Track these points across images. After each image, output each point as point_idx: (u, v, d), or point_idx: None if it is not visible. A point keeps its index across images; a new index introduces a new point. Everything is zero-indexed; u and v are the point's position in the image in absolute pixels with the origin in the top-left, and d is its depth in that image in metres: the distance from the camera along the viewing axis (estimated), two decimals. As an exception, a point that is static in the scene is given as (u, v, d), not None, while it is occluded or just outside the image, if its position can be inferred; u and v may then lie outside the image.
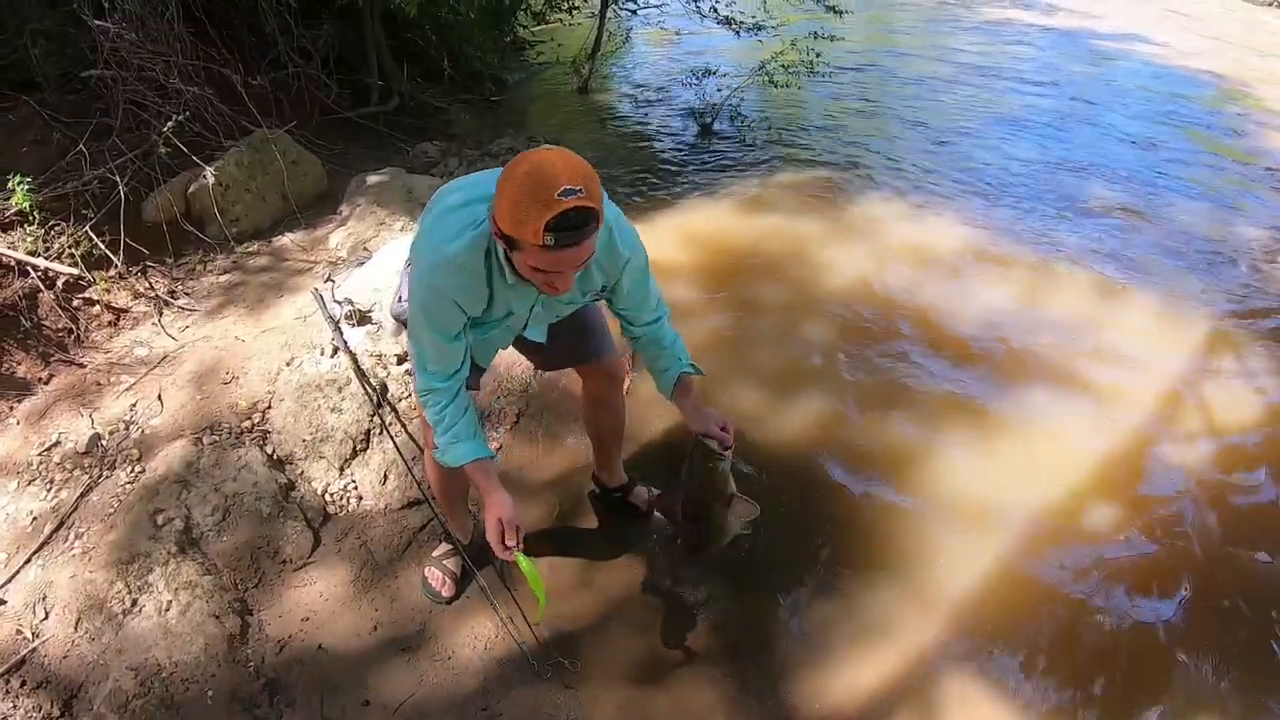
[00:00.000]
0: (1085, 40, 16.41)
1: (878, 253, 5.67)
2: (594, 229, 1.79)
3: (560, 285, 1.90)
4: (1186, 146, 8.89)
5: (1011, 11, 20.70)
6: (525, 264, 1.86)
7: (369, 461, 3.44)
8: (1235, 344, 4.91)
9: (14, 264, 4.28)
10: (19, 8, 5.55)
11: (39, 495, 3.25)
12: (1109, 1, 24.03)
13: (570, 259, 1.81)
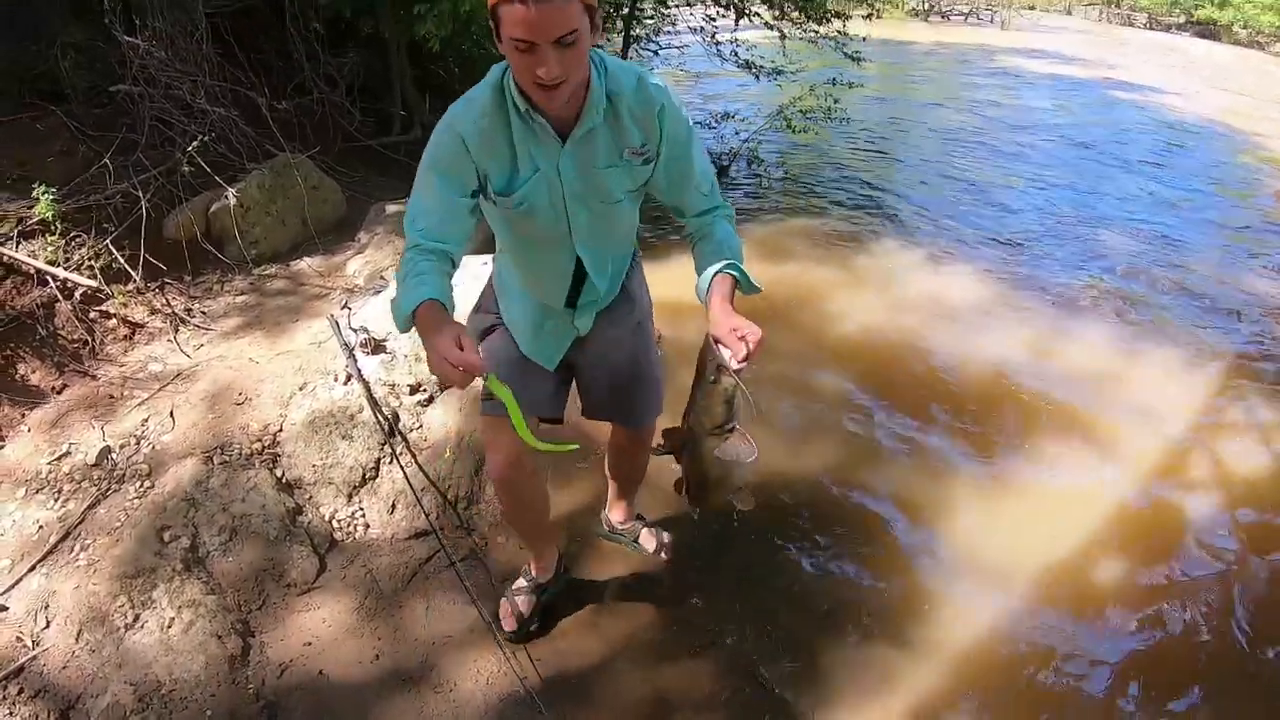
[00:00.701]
0: (1100, 90, 16.64)
1: (891, 302, 5.77)
2: None
3: (543, 69, 1.71)
4: (1201, 199, 9.06)
5: (1027, 61, 20.96)
6: (508, 38, 1.71)
7: (378, 490, 3.49)
8: (1248, 399, 4.95)
9: (33, 272, 4.39)
10: (51, 20, 5.72)
11: (46, 504, 3.31)
12: (1123, 52, 24.28)
13: (545, 20, 1.66)
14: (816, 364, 4.92)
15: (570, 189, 2.04)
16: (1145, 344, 5.44)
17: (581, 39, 1.73)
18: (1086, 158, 10.57)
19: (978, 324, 5.55)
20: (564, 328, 2.42)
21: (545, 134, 1.94)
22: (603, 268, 2.29)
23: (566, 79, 1.76)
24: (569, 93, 1.81)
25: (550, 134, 1.94)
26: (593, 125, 1.95)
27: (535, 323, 2.42)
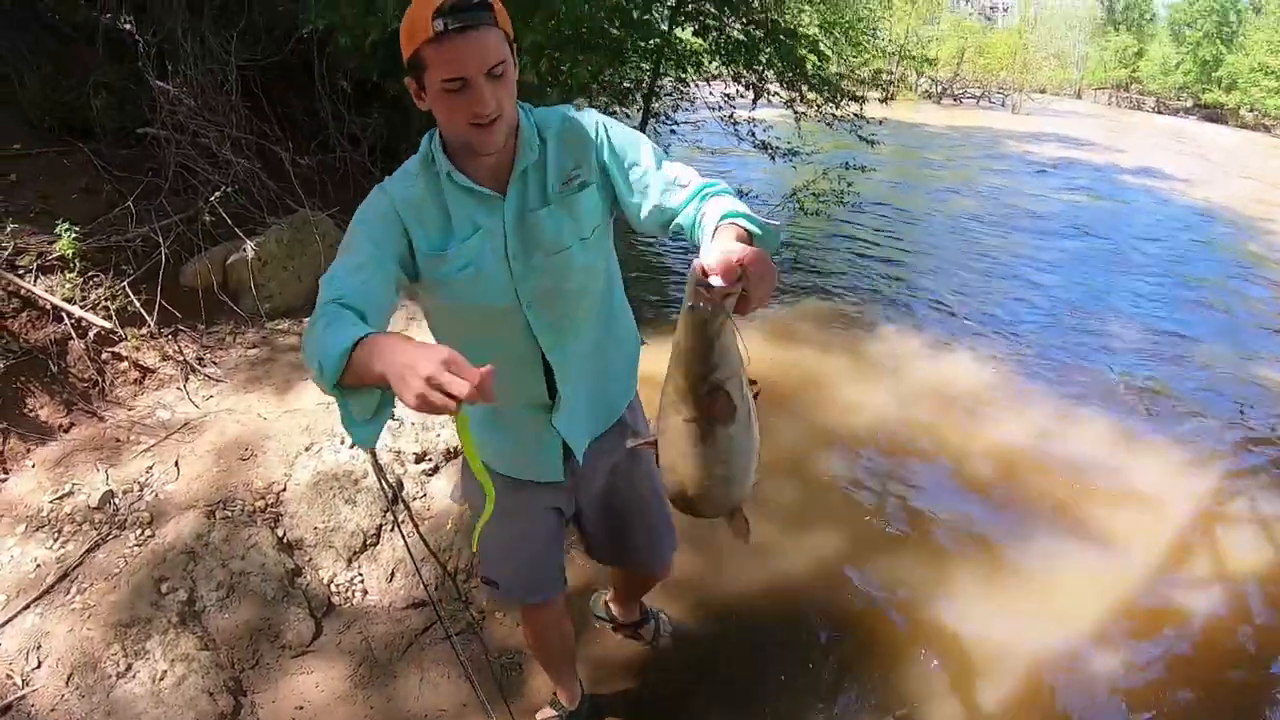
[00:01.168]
0: (1110, 176, 16.89)
1: (897, 389, 5.87)
2: (488, 17, 1.66)
3: (478, 104, 1.67)
4: (1205, 285, 9.21)
5: (1037, 146, 21.30)
6: (434, 85, 1.68)
7: (378, 557, 3.56)
8: (1250, 490, 4.99)
9: (50, 308, 4.50)
10: (86, 57, 5.89)
11: (45, 543, 3.39)
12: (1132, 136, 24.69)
13: (471, 51, 1.63)
14: (822, 450, 4.98)
15: (513, 245, 1.88)
16: (1149, 434, 5.51)
17: (509, 71, 1.72)
18: (1094, 245, 10.77)
19: (983, 413, 5.63)
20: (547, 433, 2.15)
21: (479, 193, 1.84)
22: (564, 342, 2.01)
23: (501, 113, 1.72)
24: (504, 130, 1.76)
25: (484, 192, 1.84)
26: (528, 164, 1.86)
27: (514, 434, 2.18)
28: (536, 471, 2.22)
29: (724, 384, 1.43)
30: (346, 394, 1.49)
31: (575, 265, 1.93)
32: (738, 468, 1.56)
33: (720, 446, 1.51)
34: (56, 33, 6.17)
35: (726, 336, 1.41)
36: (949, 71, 40.87)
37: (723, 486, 1.57)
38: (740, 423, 1.49)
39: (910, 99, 32.09)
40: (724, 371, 1.43)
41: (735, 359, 1.44)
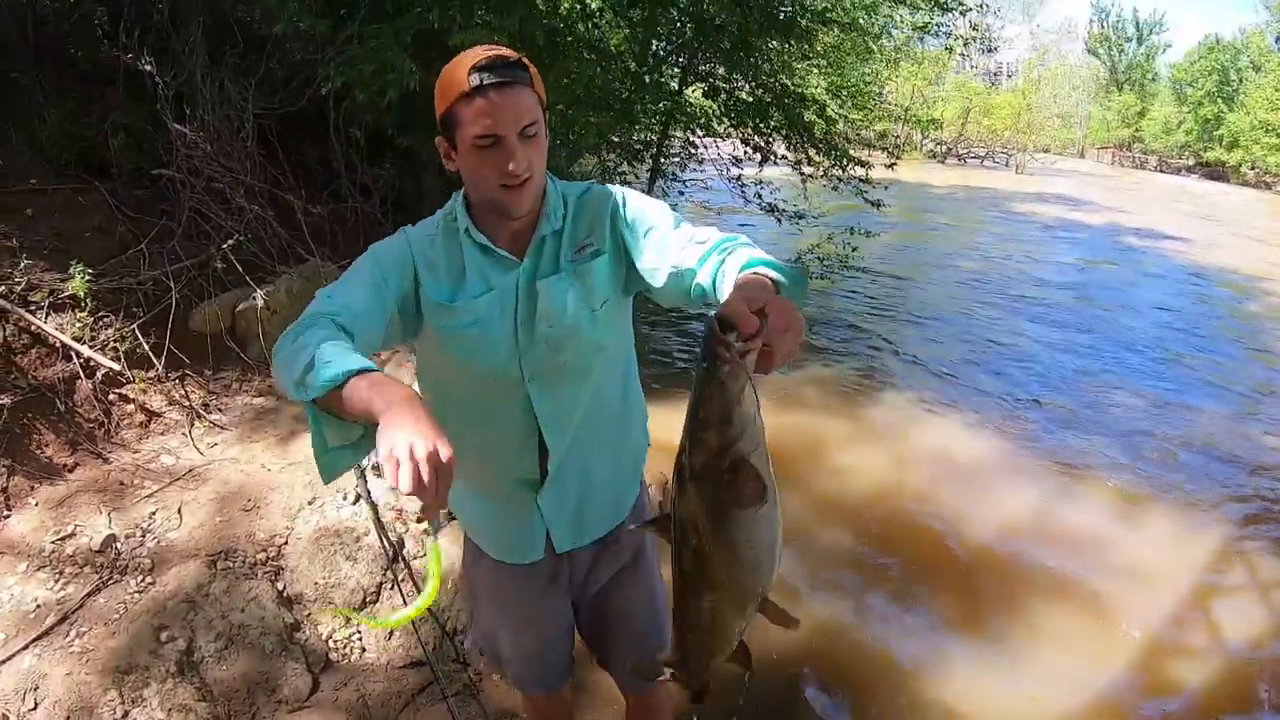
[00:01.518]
0: (1110, 236, 17.07)
1: (897, 457, 5.95)
2: (525, 77, 1.68)
3: (510, 162, 1.68)
4: (1206, 347, 9.37)
5: (1039, 207, 21.51)
6: (466, 142, 1.69)
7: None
8: (1249, 557, 5.05)
9: (59, 346, 4.59)
10: (107, 97, 6.02)
11: (46, 583, 3.45)
12: (1135, 196, 24.91)
13: (505, 107, 1.65)
14: (820, 516, 5.05)
15: (524, 311, 1.84)
16: (1147, 503, 5.56)
17: (541, 134, 1.73)
18: (1096, 310, 10.91)
19: (982, 481, 5.69)
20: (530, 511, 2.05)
21: (495, 254, 1.84)
22: (562, 422, 1.94)
23: (532, 175, 1.72)
24: (533, 194, 1.77)
25: (500, 253, 1.84)
26: (548, 232, 1.86)
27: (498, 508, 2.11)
28: (516, 550, 2.12)
29: (747, 457, 1.24)
30: (320, 415, 1.46)
31: (583, 339, 1.87)
32: (764, 551, 1.36)
33: (744, 530, 1.32)
34: (78, 70, 6.30)
35: (748, 401, 1.23)
36: (953, 132, 41.34)
37: (751, 575, 1.39)
38: (768, 501, 1.30)
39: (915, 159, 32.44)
40: (747, 442, 1.25)
41: (758, 427, 1.26)
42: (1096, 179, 38.22)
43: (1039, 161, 43.40)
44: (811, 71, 11.29)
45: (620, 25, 8.83)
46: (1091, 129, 59.40)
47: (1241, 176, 46.16)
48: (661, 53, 8.99)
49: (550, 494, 2.02)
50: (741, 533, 1.32)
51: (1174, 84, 55.18)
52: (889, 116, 16.58)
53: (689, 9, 8.33)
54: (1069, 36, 61.12)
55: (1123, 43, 61.55)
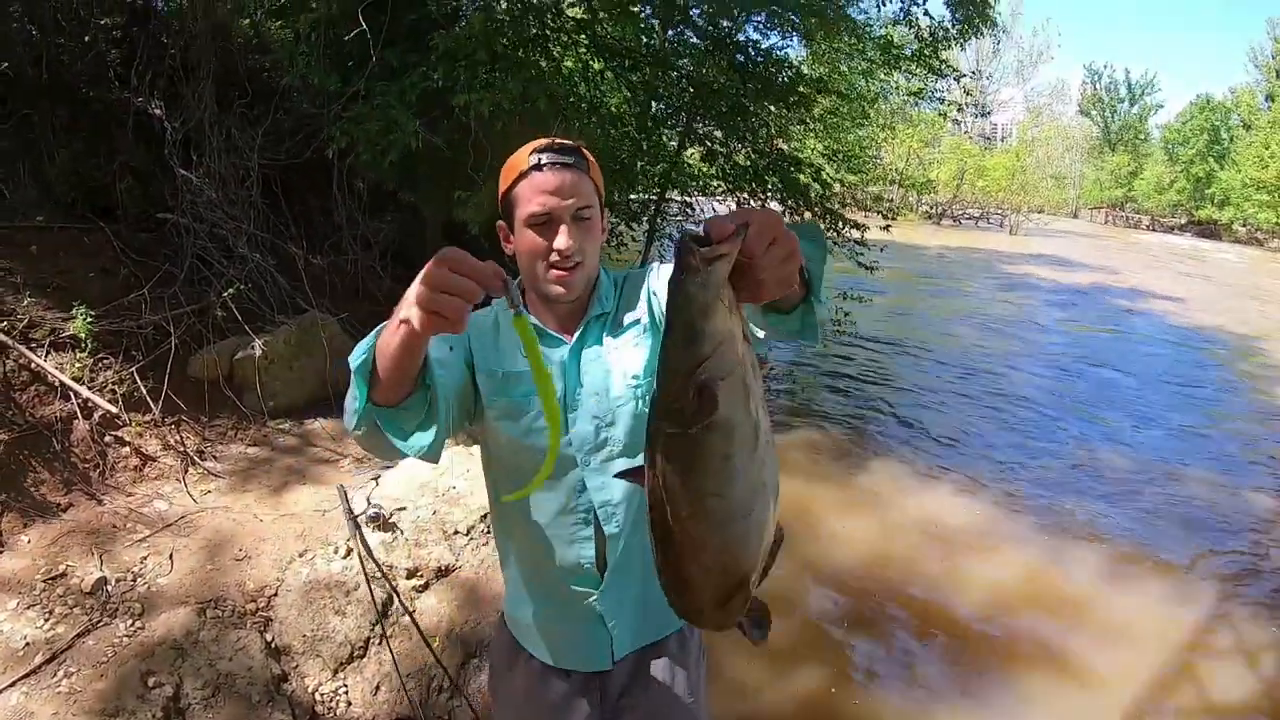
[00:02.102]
0: (1101, 298, 17.25)
1: (886, 522, 6.04)
2: (582, 163, 1.76)
3: (561, 242, 1.73)
4: (1197, 409, 9.54)
5: (1033, 268, 21.71)
6: (521, 221, 1.75)
7: (364, 669, 3.70)
8: (1236, 622, 5.13)
9: (58, 384, 4.71)
10: (115, 139, 6.17)
11: (36, 622, 3.51)
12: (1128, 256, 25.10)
13: (562, 185, 1.71)
14: (809, 584, 5.14)
15: (571, 385, 1.85)
16: (1136, 569, 5.65)
17: (596, 220, 1.78)
18: (1088, 373, 11.10)
19: (971, 547, 5.78)
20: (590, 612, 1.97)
21: (546, 334, 1.86)
22: (617, 506, 1.89)
23: (583, 259, 1.77)
24: (584, 280, 1.80)
25: (550, 334, 1.87)
26: (597, 313, 1.89)
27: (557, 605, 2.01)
28: (577, 656, 2.02)
29: (714, 382, 1.09)
30: (381, 413, 1.53)
31: (631, 413, 1.85)
32: (739, 507, 1.19)
33: (714, 479, 1.15)
34: (89, 110, 6.45)
35: (719, 320, 1.09)
36: (949, 192, 41.77)
37: (718, 534, 1.21)
38: (739, 440, 1.14)
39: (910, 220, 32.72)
40: (716, 365, 1.09)
41: (735, 353, 1.11)
42: (1090, 239, 38.63)
43: (1033, 222, 43.77)
44: (808, 135, 11.52)
45: (621, 87, 9.06)
46: (1085, 189, 60.10)
47: (1233, 234, 46.80)
48: (661, 114, 9.22)
49: (610, 588, 1.94)
50: (710, 482, 1.16)
51: (1166, 144, 55.89)
52: (884, 179, 16.84)
53: (689, 73, 8.55)
54: (1062, 98, 61.97)
55: (1115, 104, 62.44)
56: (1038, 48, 58.85)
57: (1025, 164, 43.95)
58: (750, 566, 1.27)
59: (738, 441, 1.13)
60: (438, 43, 5.77)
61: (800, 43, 10.35)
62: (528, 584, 2.02)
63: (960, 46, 10.34)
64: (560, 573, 1.94)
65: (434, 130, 5.76)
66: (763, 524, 1.25)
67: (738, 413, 1.12)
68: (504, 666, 2.14)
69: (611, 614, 1.96)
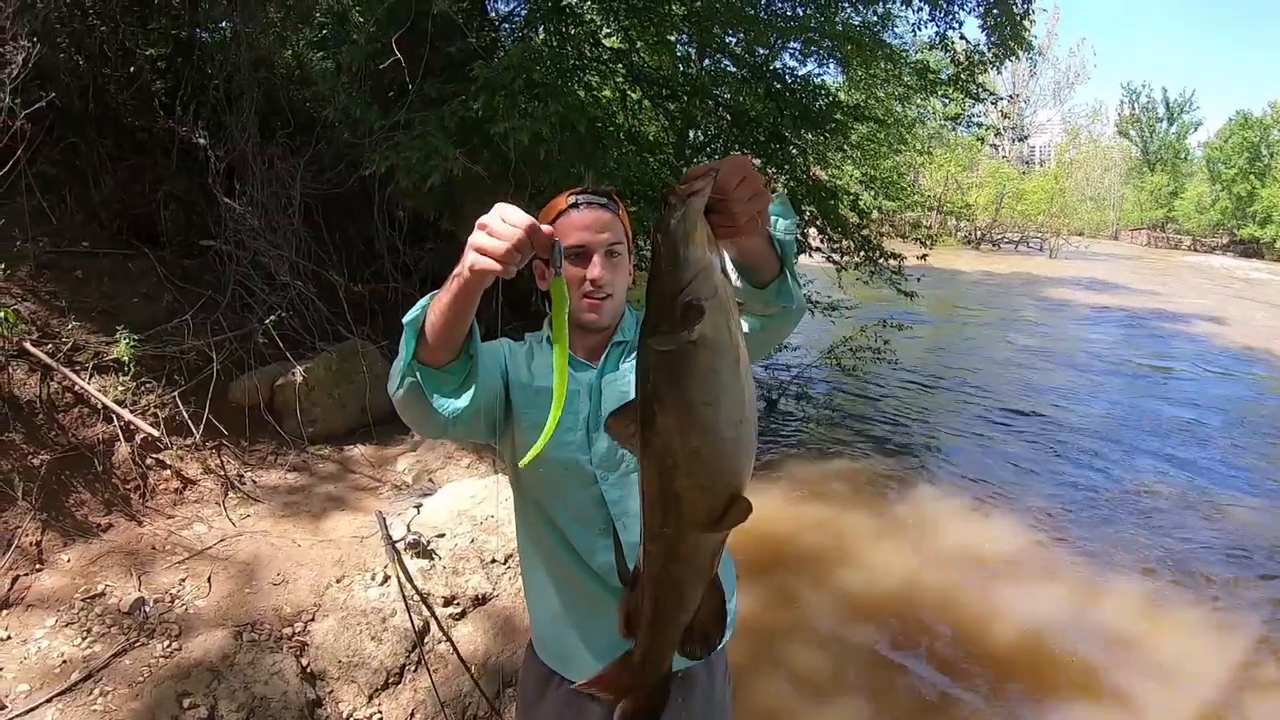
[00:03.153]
0: (1148, 322, 17.02)
1: (925, 553, 5.97)
2: (614, 206, 1.96)
3: (594, 272, 1.90)
4: (1245, 437, 9.34)
5: (1075, 292, 21.45)
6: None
7: (399, 696, 3.72)
8: None
9: (101, 407, 4.79)
10: (160, 167, 6.29)
11: (73, 639, 3.57)
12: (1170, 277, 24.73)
13: (596, 221, 1.91)
14: (847, 614, 5.11)
15: (593, 407, 1.97)
16: (1178, 601, 5.55)
17: (624, 256, 1.97)
18: (1132, 400, 10.94)
19: (1011, 579, 5.70)
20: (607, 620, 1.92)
21: (576, 361, 1.98)
22: (626, 498, 1.96)
23: (613, 293, 1.95)
24: (612, 312, 1.98)
25: (580, 360, 2.00)
26: (623, 339, 2.03)
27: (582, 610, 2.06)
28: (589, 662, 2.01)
29: (701, 300, 1.22)
30: (425, 371, 1.67)
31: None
32: (728, 415, 1.29)
33: (701, 388, 1.26)
34: (134, 139, 6.58)
35: (698, 249, 1.23)
36: (987, 217, 41.45)
37: (711, 441, 1.30)
38: (724, 356, 1.26)
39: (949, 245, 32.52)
40: (699, 287, 1.22)
41: (716, 281, 1.24)
42: (1131, 261, 38.18)
43: (1073, 245, 43.35)
44: (845, 162, 11.51)
45: (659, 116, 9.12)
46: (1125, 211, 59.40)
47: (1276, 252, 46.14)
48: (698, 142, 9.25)
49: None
50: (698, 391, 1.27)
51: (1208, 162, 55.07)
52: (922, 205, 16.78)
53: (727, 102, 8.58)
54: (1100, 119, 61.31)
55: (1153, 123, 61.71)
56: (1074, 68, 58.26)
57: (1064, 186, 43.57)
58: (742, 478, 1.35)
59: (723, 357, 1.25)
60: (478, 73, 5.83)
61: (837, 69, 10.38)
62: (555, 599, 2.09)
63: (997, 69, 10.32)
64: (586, 584, 2.03)
65: (474, 158, 5.81)
66: (750, 442, 1.34)
67: (721, 332, 1.24)
68: (535, 696, 2.18)
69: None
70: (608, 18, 8.63)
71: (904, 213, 13.62)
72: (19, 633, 3.60)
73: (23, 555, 3.98)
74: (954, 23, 9.06)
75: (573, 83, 7.02)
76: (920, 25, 9.39)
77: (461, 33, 6.43)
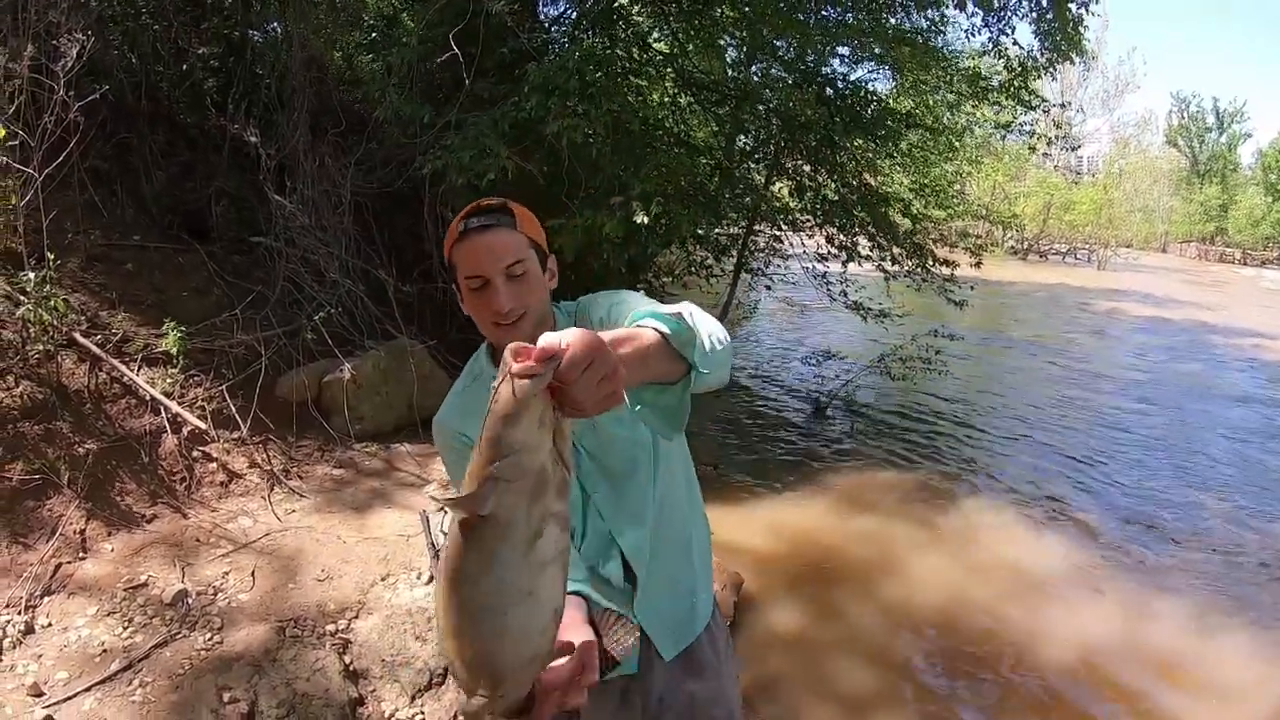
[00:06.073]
0: (1197, 335, 16.76)
1: (970, 567, 5.84)
2: (507, 220, 1.81)
3: (495, 303, 1.77)
4: None
5: (1125, 305, 21.14)
6: (464, 281, 1.81)
7: (441, 698, 3.67)
8: None
9: (149, 399, 4.82)
10: (212, 164, 6.34)
11: (114, 629, 3.56)
12: (1221, 291, 24.31)
13: (487, 247, 1.77)
14: (891, 629, 5.01)
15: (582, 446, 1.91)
16: (1231, 623, 5.37)
17: (530, 270, 1.81)
18: (1185, 416, 10.67)
19: (1058, 595, 5.56)
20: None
21: None
22: (624, 524, 1.95)
23: (526, 311, 1.80)
24: (531, 328, 1.79)
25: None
26: None
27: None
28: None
29: (499, 482, 1.14)
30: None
31: (617, 439, 1.92)
32: (490, 600, 1.20)
33: (475, 558, 1.18)
34: (186, 135, 6.65)
35: (523, 430, 1.14)
36: (1035, 228, 41.03)
37: (466, 620, 1.22)
38: (511, 540, 1.17)
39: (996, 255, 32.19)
40: (507, 468, 1.14)
41: (533, 464, 1.16)
42: (1181, 274, 37.61)
43: (1121, 257, 42.75)
44: (894, 169, 11.39)
45: (708, 121, 9.05)
46: (1174, 223, 58.42)
47: (1330, 264, 45.42)
48: (748, 147, 9.19)
49: (643, 602, 1.98)
50: (470, 567, 1.19)
51: (1264, 170, 53.99)
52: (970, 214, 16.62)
53: (776, 107, 8.51)
54: (1149, 129, 60.51)
55: (1203, 133, 60.67)
56: (1123, 77, 57.59)
57: (1112, 197, 43.04)
58: (494, 669, 1.25)
59: (509, 542, 1.17)
60: (533, 75, 5.82)
61: (889, 74, 10.29)
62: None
63: (1052, 76, 10.16)
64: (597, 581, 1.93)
65: (526, 159, 5.80)
66: (520, 631, 1.23)
67: (517, 514, 1.16)
68: None
69: (647, 619, 1.99)
70: (659, 21, 8.60)
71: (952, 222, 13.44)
72: (59, 620, 3.60)
73: (66, 543, 3.99)
74: (1007, 28, 8.95)
75: (623, 86, 6.98)
76: (974, 31, 9.30)
77: (513, 34, 6.43)
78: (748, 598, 4.99)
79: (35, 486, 4.10)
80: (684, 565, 2.10)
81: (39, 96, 4.82)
